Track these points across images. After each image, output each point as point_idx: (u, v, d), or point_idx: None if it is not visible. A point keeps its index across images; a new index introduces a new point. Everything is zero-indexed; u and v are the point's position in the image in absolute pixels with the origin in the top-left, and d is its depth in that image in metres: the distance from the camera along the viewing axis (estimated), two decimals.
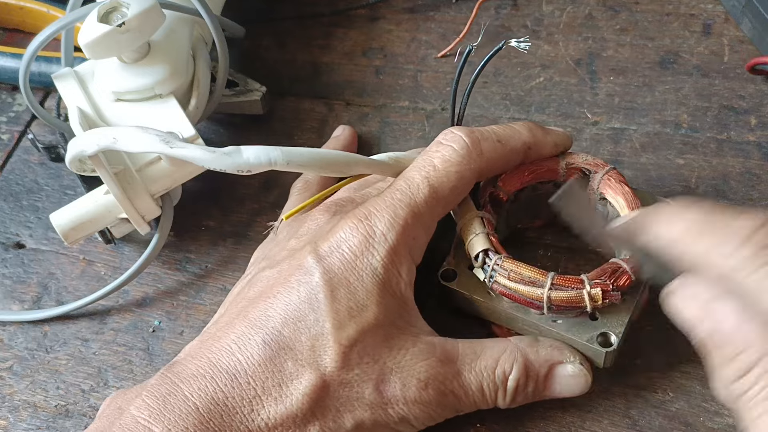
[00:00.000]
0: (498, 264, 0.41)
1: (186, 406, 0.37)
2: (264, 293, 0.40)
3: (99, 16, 0.45)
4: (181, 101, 0.49)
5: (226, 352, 0.38)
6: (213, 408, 0.37)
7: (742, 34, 0.57)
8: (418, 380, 0.39)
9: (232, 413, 0.37)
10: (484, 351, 0.40)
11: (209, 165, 0.38)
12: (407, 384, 0.38)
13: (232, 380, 0.37)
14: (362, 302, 0.38)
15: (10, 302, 0.50)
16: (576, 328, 0.41)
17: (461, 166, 0.41)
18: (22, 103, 0.60)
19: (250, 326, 0.38)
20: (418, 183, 0.41)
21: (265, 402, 0.37)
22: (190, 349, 0.40)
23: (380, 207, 0.40)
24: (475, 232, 0.42)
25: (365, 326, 0.38)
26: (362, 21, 0.62)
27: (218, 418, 0.37)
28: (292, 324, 0.38)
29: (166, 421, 0.36)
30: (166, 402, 0.37)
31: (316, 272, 0.39)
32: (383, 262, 0.39)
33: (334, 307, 0.38)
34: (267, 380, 0.37)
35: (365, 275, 0.39)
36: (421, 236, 0.41)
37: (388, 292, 0.39)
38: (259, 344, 0.38)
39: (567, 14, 0.60)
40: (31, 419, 0.46)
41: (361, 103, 0.57)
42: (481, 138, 0.42)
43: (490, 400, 0.40)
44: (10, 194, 0.55)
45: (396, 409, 0.38)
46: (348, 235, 0.39)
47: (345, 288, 0.38)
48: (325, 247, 0.39)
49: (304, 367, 0.37)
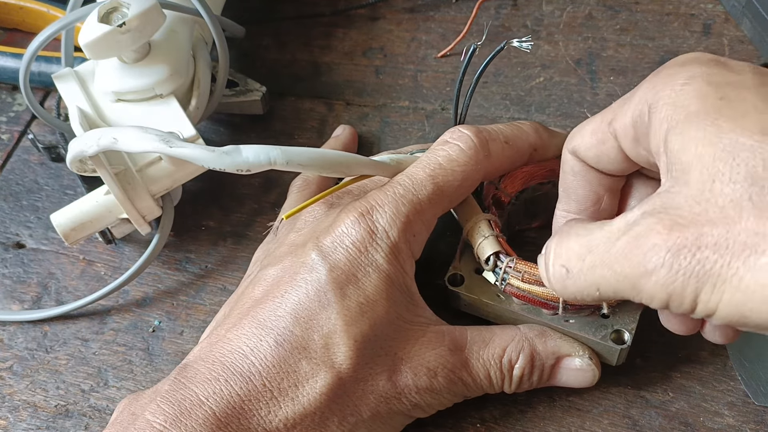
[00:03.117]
0: (510, 266, 0.41)
1: (202, 411, 0.36)
2: (270, 292, 0.40)
3: (99, 17, 0.45)
4: (181, 101, 0.49)
5: (238, 355, 0.38)
6: (230, 412, 0.36)
7: (742, 34, 0.57)
8: (428, 369, 0.39)
9: (249, 416, 0.37)
10: (493, 339, 0.41)
11: (209, 164, 0.38)
12: (418, 373, 0.39)
13: (247, 383, 0.37)
14: (371, 298, 0.38)
15: (10, 302, 0.50)
16: (588, 327, 0.41)
17: (467, 166, 0.41)
18: (22, 103, 0.60)
19: (261, 327, 0.38)
20: (422, 180, 0.40)
21: (282, 403, 0.37)
22: (201, 352, 0.39)
23: (382, 201, 0.40)
24: (483, 235, 0.42)
25: (376, 321, 0.38)
26: (362, 21, 0.62)
27: (236, 422, 0.36)
28: (303, 323, 0.38)
29: (183, 426, 0.36)
30: (182, 407, 0.36)
31: (323, 269, 0.39)
32: (387, 257, 0.39)
33: (345, 304, 0.38)
34: (282, 381, 0.37)
35: (371, 270, 0.39)
36: (422, 232, 0.41)
37: (394, 286, 0.39)
38: (271, 345, 0.38)
39: (567, 14, 0.60)
40: (31, 419, 0.46)
41: (361, 103, 0.57)
42: (489, 138, 0.42)
43: (497, 387, 0.41)
44: (10, 194, 0.55)
45: (409, 397, 0.39)
46: (350, 229, 0.39)
47: (353, 285, 0.38)
48: (328, 242, 0.39)
49: (319, 366, 0.37)
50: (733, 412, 0.42)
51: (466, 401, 0.42)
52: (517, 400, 0.43)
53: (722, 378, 0.43)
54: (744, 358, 0.43)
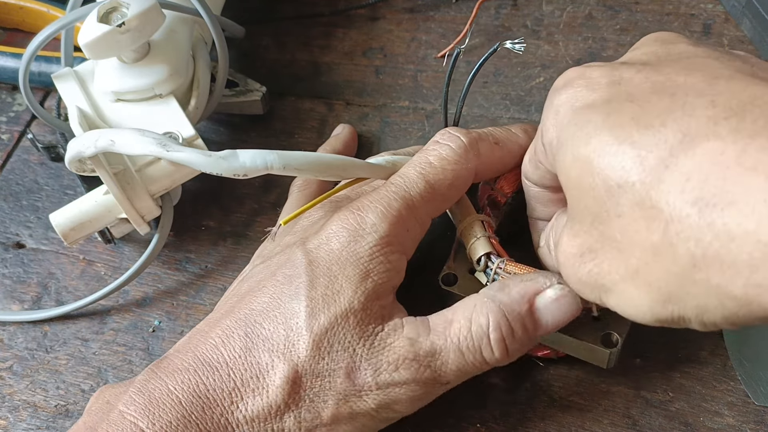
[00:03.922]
0: (501, 267, 0.41)
1: (170, 400, 0.37)
2: (253, 288, 0.40)
3: (99, 16, 0.45)
4: (181, 101, 0.49)
5: (210, 346, 0.38)
6: (195, 401, 0.37)
7: (742, 34, 0.57)
8: (387, 363, 0.37)
9: (213, 405, 0.37)
10: (455, 315, 0.38)
11: (205, 169, 0.38)
12: (378, 369, 0.37)
13: (214, 373, 0.37)
14: (338, 288, 0.38)
15: (10, 302, 0.50)
16: (579, 330, 0.40)
17: (458, 164, 0.41)
18: (22, 103, 0.60)
19: (235, 320, 0.39)
20: (414, 178, 0.41)
21: (244, 394, 0.37)
22: (179, 345, 0.40)
23: (373, 199, 0.40)
24: (476, 236, 0.42)
25: (337, 313, 0.38)
26: (362, 21, 0.62)
27: (200, 411, 0.37)
28: (272, 316, 0.38)
29: (151, 416, 0.36)
30: (152, 397, 0.37)
31: (302, 264, 0.39)
32: (371, 250, 0.39)
33: (311, 295, 0.38)
34: (245, 372, 0.37)
35: (348, 263, 0.38)
36: (414, 229, 0.40)
37: (368, 278, 0.38)
38: (241, 337, 0.38)
39: (567, 14, 0.59)
40: (31, 419, 0.46)
41: (361, 103, 0.57)
42: (479, 138, 0.42)
43: (477, 361, 0.38)
44: (10, 194, 0.55)
45: (371, 395, 0.37)
46: (338, 228, 0.39)
47: (325, 277, 0.38)
48: (315, 242, 0.40)
49: (278, 358, 0.37)
50: (733, 412, 0.42)
51: (465, 401, 0.42)
52: (517, 400, 0.43)
53: (722, 378, 0.43)
54: (744, 358, 0.43)
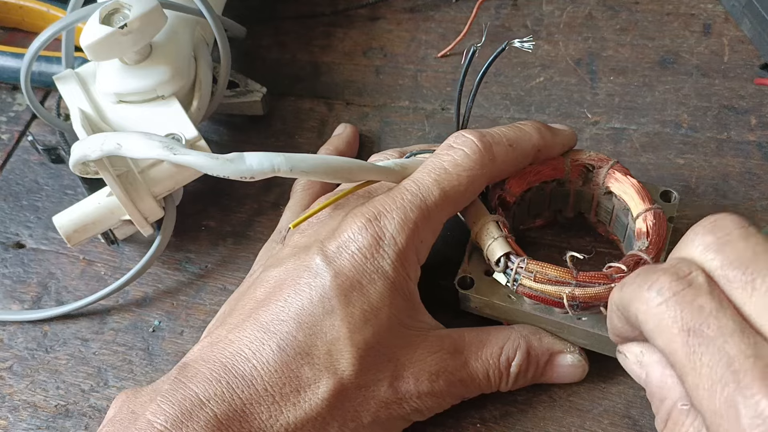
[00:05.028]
0: (522, 266, 0.40)
1: (204, 413, 0.36)
2: (273, 295, 0.39)
3: (101, 18, 0.45)
4: (183, 102, 0.49)
5: (240, 358, 0.38)
6: (231, 415, 0.36)
7: (742, 34, 0.57)
8: (429, 373, 0.40)
9: (251, 419, 0.37)
10: (489, 339, 0.42)
11: (212, 171, 0.38)
12: (420, 378, 0.39)
13: (249, 386, 0.37)
14: (375, 305, 0.38)
15: (10, 302, 0.50)
16: (601, 324, 0.40)
17: (473, 171, 0.41)
18: (22, 103, 0.60)
19: (263, 330, 0.38)
20: (429, 186, 0.40)
21: (284, 407, 0.37)
22: (201, 352, 0.39)
23: (390, 207, 0.39)
24: (493, 237, 0.42)
25: (379, 329, 0.38)
26: (362, 21, 0.62)
27: (237, 425, 0.36)
28: (306, 329, 0.38)
29: (185, 428, 0.36)
30: (183, 407, 0.36)
31: (327, 275, 0.38)
32: (393, 264, 0.39)
33: (349, 311, 0.38)
34: (284, 386, 0.37)
35: (376, 278, 0.39)
36: (428, 238, 0.41)
37: (398, 294, 0.39)
38: (274, 350, 0.38)
39: (567, 14, 0.60)
40: (31, 419, 0.46)
41: (361, 103, 0.57)
42: (493, 142, 0.41)
43: (494, 385, 0.42)
44: (10, 194, 0.55)
45: (410, 402, 0.40)
46: (356, 235, 0.39)
47: (357, 292, 0.38)
48: (333, 247, 0.39)
49: (321, 372, 0.37)
50: None
51: (466, 401, 0.42)
52: (517, 400, 0.43)
53: None
54: None
